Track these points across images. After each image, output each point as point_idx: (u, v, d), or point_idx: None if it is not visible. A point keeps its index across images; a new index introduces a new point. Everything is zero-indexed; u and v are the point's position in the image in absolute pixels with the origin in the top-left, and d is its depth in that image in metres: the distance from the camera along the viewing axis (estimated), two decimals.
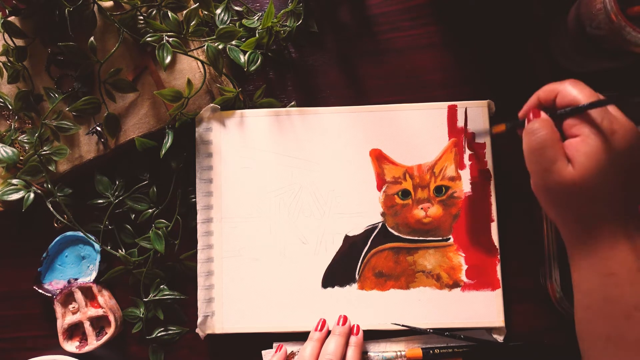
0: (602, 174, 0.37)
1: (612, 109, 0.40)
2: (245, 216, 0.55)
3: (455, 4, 0.58)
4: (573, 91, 0.40)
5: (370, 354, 0.53)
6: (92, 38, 0.52)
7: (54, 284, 0.58)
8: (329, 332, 0.52)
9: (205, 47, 0.51)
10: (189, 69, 0.54)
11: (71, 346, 0.56)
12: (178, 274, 0.57)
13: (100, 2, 0.52)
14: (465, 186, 0.54)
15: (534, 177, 0.41)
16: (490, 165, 0.54)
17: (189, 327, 0.57)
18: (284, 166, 0.55)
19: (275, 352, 0.53)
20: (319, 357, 0.49)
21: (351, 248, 0.54)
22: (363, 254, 0.54)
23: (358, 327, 0.52)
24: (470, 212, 0.53)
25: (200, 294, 0.54)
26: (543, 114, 0.41)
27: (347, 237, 0.54)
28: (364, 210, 0.54)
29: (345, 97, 0.58)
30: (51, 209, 0.55)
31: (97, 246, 0.57)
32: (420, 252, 0.54)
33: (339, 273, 0.54)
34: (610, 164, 0.37)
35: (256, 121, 0.55)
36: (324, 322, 0.53)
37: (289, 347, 0.54)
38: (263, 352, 0.55)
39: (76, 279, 0.57)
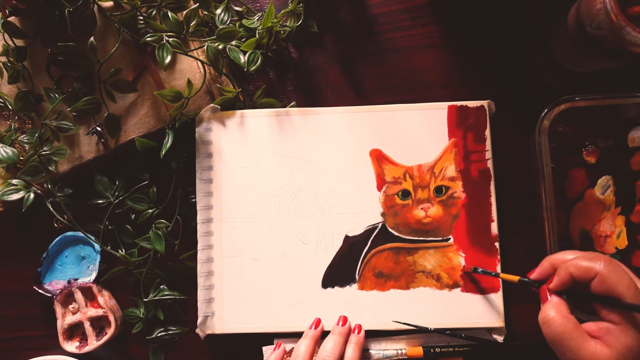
0: None
1: None
2: (245, 216, 0.55)
3: (455, 4, 0.58)
4: (616, 281, 0.38)
5: (371, 351, 0.53)
6: (92, 38, 0.51)
7: (54, 284, 0.58)
8: (323, 332, 0.52)
9: (205, 47, 0.51)
10: (189, 69, 0.54)
11: (71, 346, 0.56)
12: (178, 274, 0.57)
13: (100, 2, 0.52)
14: (465, 186, 0.54)
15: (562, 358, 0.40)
16: (490, 165, 0.54)
17: (189, 327, 0.57)
18: (284, 166, 0.55)
19: (274, 349, 0.53)
20: (315, 356, 0.49)
21: (351, 248, 0.54)
22: (363, 254, 0.54)
23: (360, 326, 0.52)
24: (470, 212, 0.53)
25: (200, 294, 0.54)
26: (554, 298, 0.41)
27: (347, 237, 0.54)
28: (364, 211, 0.54)
29: (345, 97, 0.58)
30: (51, 209, 0.55)
31: (97, 246, 0.57)
32: (420, 253, 0.54)
33: (339, 273, 0.54)
34: None
35: (256, 121, 0.55)
36: (319, 320, 0.53)
37: (288, 345, 0.54)
38: (264, 348, 0.55)
39: (76, 279, 0.57)
